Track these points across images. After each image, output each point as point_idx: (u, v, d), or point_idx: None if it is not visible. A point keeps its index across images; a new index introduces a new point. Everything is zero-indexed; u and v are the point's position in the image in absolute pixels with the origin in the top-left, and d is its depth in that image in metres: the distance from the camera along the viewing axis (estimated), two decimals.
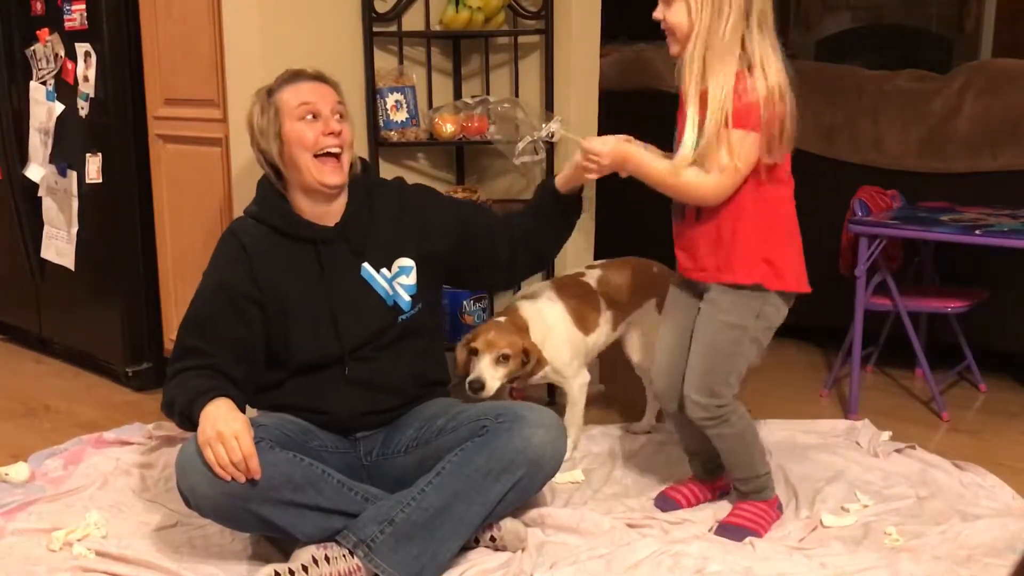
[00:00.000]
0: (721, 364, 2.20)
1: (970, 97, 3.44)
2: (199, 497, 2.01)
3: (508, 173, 3.25)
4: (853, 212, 3.11)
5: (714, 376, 2.20)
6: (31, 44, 3.43)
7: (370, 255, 2.27)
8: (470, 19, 3.04)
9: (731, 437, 2.26)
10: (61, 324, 3.65)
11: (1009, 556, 2.16)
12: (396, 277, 2.28)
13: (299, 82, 2.23)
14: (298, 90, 2.22)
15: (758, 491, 2.33)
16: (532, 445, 2.11)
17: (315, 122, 2.19)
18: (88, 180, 3.29)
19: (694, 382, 2.21)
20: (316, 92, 2.22)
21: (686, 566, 2.11)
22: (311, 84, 2.23)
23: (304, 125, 2.19)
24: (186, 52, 3.02)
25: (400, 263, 2.29)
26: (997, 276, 3.27)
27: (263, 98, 2.25)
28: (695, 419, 2.24)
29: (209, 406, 2.02)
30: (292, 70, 2.27)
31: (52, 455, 2.74)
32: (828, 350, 3.66)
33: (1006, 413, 3.16)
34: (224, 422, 1.97)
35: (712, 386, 2.20)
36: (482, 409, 2.21)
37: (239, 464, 1.94)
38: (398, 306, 2.28)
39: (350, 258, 2.25)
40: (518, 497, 2.17)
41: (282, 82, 2.25)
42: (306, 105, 2.19)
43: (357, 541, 2.03)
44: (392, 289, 2.27)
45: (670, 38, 2.10)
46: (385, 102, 3.07)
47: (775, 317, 2.20)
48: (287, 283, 2.21)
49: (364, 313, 2.24)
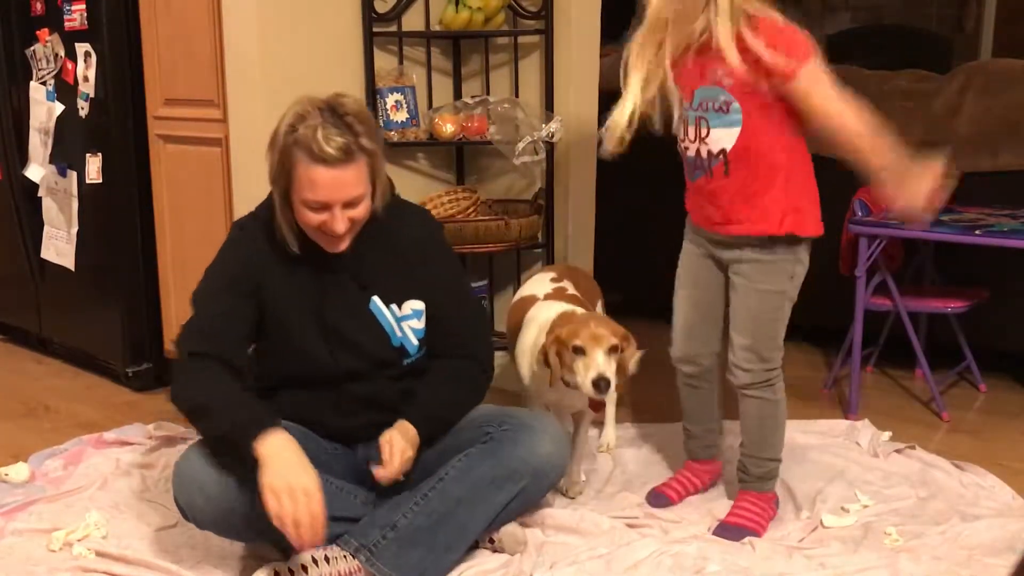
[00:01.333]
0: (767, 331, 2.24)
1: (970, 97, 3.43)
2: (196, 511, 2.01)
3: (508, 173, 3.25)
4: (853, 212, 3.11)
5: (763, 343, 2.24)
6: (31, 44, 3.43)
7: (380, 290, 2.16)
8: (470, 19, 3.04)
9: (770, 404, 2.28)
10: (61, 324, 3.65)
11: (1009, 556, 2.16)
12: (406, 319, 2.18)
13: (317, 166, 1.95)
14: (312, 179, 1.96)
15: (766, 478, 2.33)
16: (537, 455, 2.11)
17: (322, 212, 2.00)
18: (88, 180, 3.29)
19: (743, 353, 2.24)
20: (331, 185, 1.96)
21: (686, 566, 2.11)
22: (330, 173, 1.95)
23: (310, 211, 2.00)
24: (186, 52, 3.02)
25: (412, 305, 2.18)
26: (997, 276, 3.27)
27: (287, 140, 1.97)
28: (741, 385, 2.26)
29: (270, 441, 1.89)
30: (319, 144, 1.93)
31: (52, 455, 2.74)
32: (828, 350, 3.66)
33: (1006, 413, 3.15)
34: (296, 475, 1.86)
35: (761, 352, 2.24)
36: (485, 415, 2.20)
37: (305, 526, 1.84)
38: (404, 348, 2.18)
39: (357, 291, 2.15)
40: (521, 505, 2.16)
41: (305, 147, 1.95)
42: (316, 201, 1.98)
43: (359, 546, 2.03)
44: (400, 330, 2.17)
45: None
46: (385, 102, 3.07)
47: (803, 272, 2.25)
48: (288, 296, 2.12)
49: (365, 344, 2.15)
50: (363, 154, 1.98)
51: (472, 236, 3.00)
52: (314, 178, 1.96)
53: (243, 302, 2.11)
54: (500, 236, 3.01)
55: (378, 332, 2.17)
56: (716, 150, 2.16)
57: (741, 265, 2.22)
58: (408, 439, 2.08)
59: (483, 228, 3.00)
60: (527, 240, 3.08)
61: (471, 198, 3.12)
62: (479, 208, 3.11)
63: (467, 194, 3.17)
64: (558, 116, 3.05)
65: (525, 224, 3.05)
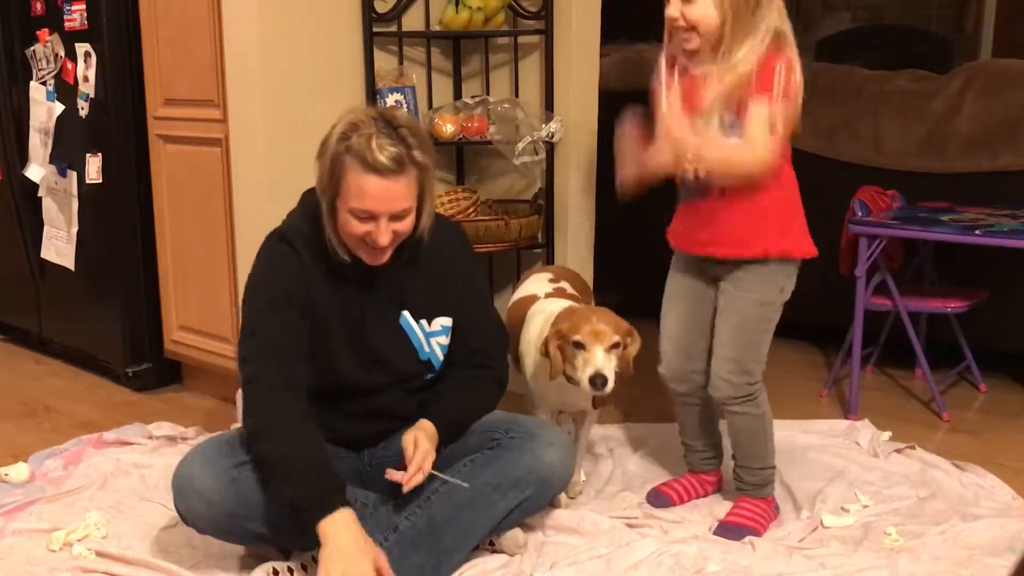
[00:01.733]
0: (752, 341, 2.24)
1: (970, 97, 3.43)
2: (196, 517, 2.01)
3: (508, 173, 3.25)
4: (853, 212, 3.11)
5: (746, 354, 2.24)
6: (31, 44, 3.43)
7: (411, 304, 2.15)
8: (470, 19, 3.04)
9: (755, 418, 2.28)
10: (61, 324, 3.65)
11: (1009, 556, 2.16)
12: (435, 335, 2.18)
13: (370, 175, 1.93)
14: (363, 187, 1.93)
15: (762, 485, 2.33)
16: (543, 464, 2.11)
17: (367, 222, 1.97)
18: (88, 180, 3.29)
19: (726, 364, 2.24)
20: (382, 196, 1.94)
21: (685, 566, 2.11)
22: (381, 183, 1.93)
23: (356, 221, 1.97)
24: (186, 52, 3.02)
25: (442, 322, 2.18)
26: (997, 276, 3.27)
27: (339, 148, 1.95)
28: (723, 399, 2.26)
29: (335, 519, 1.89)
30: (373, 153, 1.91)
31: (52, 455, 2.74)
32: (828, 350, 3.66)
33: (1006, 413, 3.16)
34: (353, 562, 1.86)
35: (744, 364, 2.23)
36: (493, 421, 2.19)
37: None
38: (431, 363, 2.18)
39: (390, 305, 2.13)
40: (524, 513, 2.16)
41: (357, 154, 1.93)
42: (364, 212, 1.95)
43: None
44: (428, 345, 2.17)
45: (689, 34, 2.08)
46: (385, 102, 3.07)
47: (791, 289, 2.25)
48: (329, 310, 2.09)
49: (395, 357, 2.14)
50: (414, 167, 1.96)
51: (472, 236, 2.97)
52: (364, 187, 1.93)
53: (298, 316, 2.05)
54: (500, 236, 3.02)
55: (407, 347, 2.16)
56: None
57: (734, 274, 2.22)
58: (431, 440, 2.06)
59: (483, 228, 3.00)
60: (527, 240, 3.08)
61: (471, 198, 3.12)
62: (479, 208, 3.11)
63: (467, 194, 3.16)
64: (558, 116, 3.05)
65: (525, 224, 3.05)
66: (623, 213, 3.37)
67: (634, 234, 3.87)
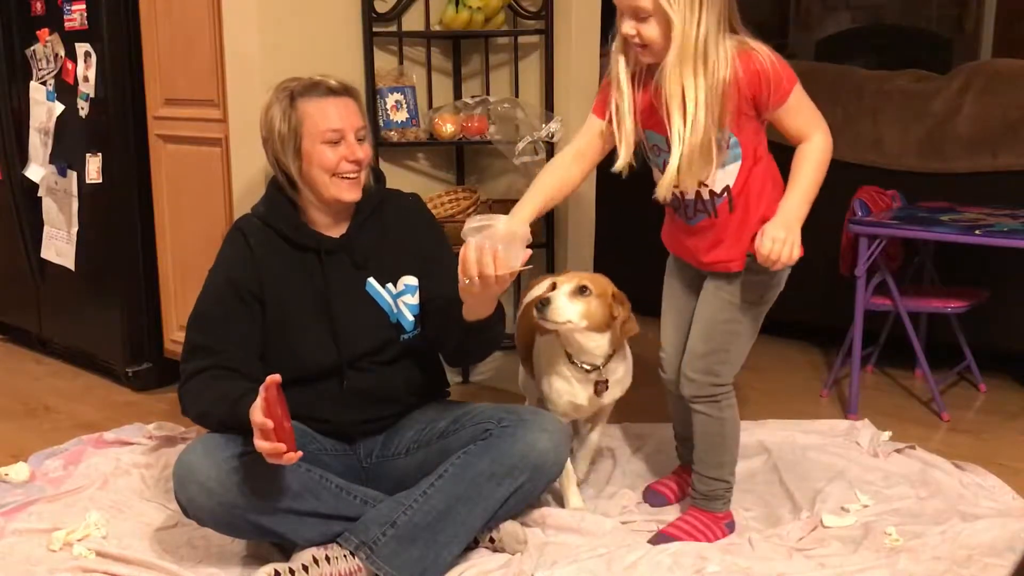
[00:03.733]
0: (720, 343, 2.20)
1: (970, 97, 3.44)
2: (197, 508, 2.01)
3: (508, 173, 3.25)
4: (853, 212, 3.11)
5: (712, 355, 2.20)
6: (31, 44, 3.43)
7: (374, 269, 2.23)
8: (470, 19, 3.04)
9: (714, 421, 2.24)
10: (61, 324, 3.65)
11: (1009, 556, 2.16)
12: (401, 295, 2.24)
13: (325, 97, 2.14)
14: (324, 109, 2.13)
15: (712, 497, 2.29)
16: (536, 450, 2.11)
17: (338, 146, 2.14)
18: (88, 180, 3.29)
19: (695, 362, 2.22)
20: (343, 113, 2.14)
21: (685, 566, 2.11)
22: (339, 102, 2.15)
23: (327, 147, 2.13)
24: (186, 52, 3.02)
25: (405, 281, 2.24)
26: (997, 276, 3.27)
27: (284, 103, 2.15)
28: (687, 396, 2.24)
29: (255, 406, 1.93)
30: (317, 79, 2.16)
31: (52, 455, 2.74)
32: (828, 350, 3.66)
33: (1006, 413, 3.16)
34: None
35: (710, 364, 2.20)
36: (485, 412, 2.20)
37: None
38: (401, 325, 2.23)
39: (353, 271, 2.21)
40: (520, 501, 2.17)
41: (306, 90, 2.15)
42: (333, 131, 2.13)
43: (359, 543, 2.03)
44: (396, 307, 2.23)
45: (643, 50, 2.07)
46: (385, 102, 3.07)
47: (774, 296, 2.22)
48: (288, 290, 2.18)
49: (366, 326, 2.21)
50: (354, 94, 2.19)
51: None
52: (326, 109, 2.13)
53: (244, 305, 2.15)
54: None
55: (376, 312, 2.22)
56: (720, 189, 2.12)
57: (717, 278, 2.20)
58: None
59: None
60: None
61: (471, 198, 3.12)
62: (479, 208, 3.11)
63: (467, 194, 3.17)
64: (558, 116, 3.05)
65: None
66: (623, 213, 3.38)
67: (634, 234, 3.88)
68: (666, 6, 1.97)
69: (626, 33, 2.06)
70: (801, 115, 2.08)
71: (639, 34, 2.04)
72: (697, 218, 2.17)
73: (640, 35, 2.04)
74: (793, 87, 2.05)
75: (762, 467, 2.66)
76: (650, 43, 2.04)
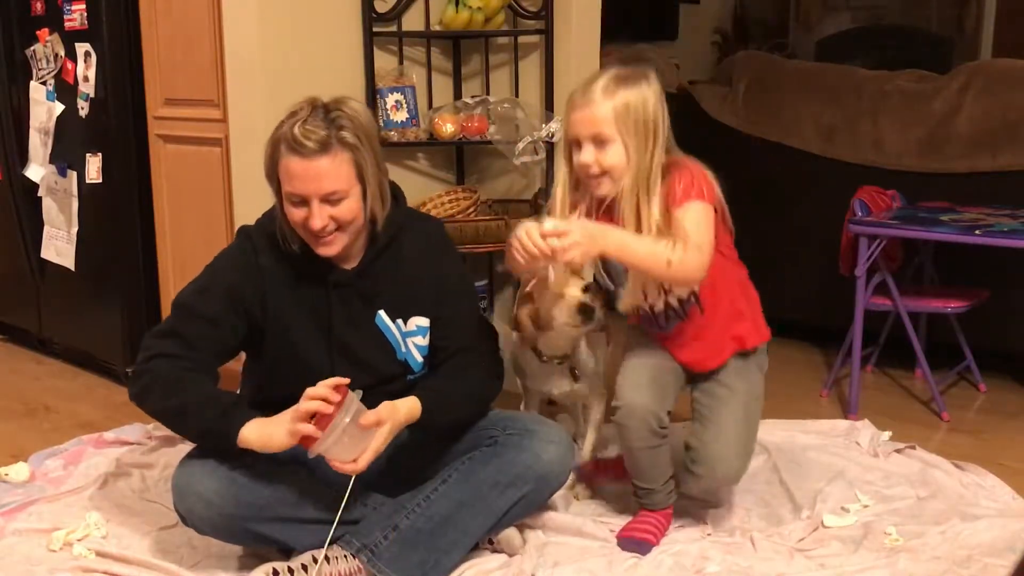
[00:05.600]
0: (755, 428, 2.28)
1: (970, 97, 3.43)
2: (196, 518, 2.01)
3: (508, 173, 3.25)
4: (853, 212, 3.11)
5: (752, 440, 2.27)
6: (31, 44, 3.43)
7: (386, 304, 2.13)
8: (470, 19, 3.04)
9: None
10: (61, 324, 3.65)
11: (1009, 556, 2.16)
12: (411, 335, 2.16)
13: (299, 157, 1.95)
14: (292, 170, 1.96)
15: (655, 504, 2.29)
16: (542, 461, 2.11)
17: (301, 206, 1.99)
18: (88, 180, 3.29)
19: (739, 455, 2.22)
20: (306, 176, 1.95)
21: (685, 566, 2.12)
22: (310, 165, 1.94)
23: (292, 207, 2.00)
24: (186, 52, 3.02)
25: (417, 322, 2.15)
26: (997, 276, 3.27)
27: (270, 147, 2.01)
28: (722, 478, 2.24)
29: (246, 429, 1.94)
30: (296, 135, 1.94)
31: (52, 455, 2.74)
32: (828, 350, 3.66)
33: (1006, 413, 3.16)
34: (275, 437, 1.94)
35: (751, 446, 2.28)
36: (490, 418, 2.19)
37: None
38: (408, 364, 2.17)
39: (363, 306, 2.12)
40: (523, 510, 2.16)
41: (287, 143, 1.96)
42: (294, 194, 1.98)
43: (360, 546, 2.02)
44: (405, 345, 2.16)
45: (601, 179, 2.06)
46: (385, 102, 3.07)
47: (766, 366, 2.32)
48: (294, 316, 2.10)
49: (372, 360, 2.13)
50: (343, 148, 1.95)
51: (472, 236, 3.00)
52: (290, 168, 1.96)
53: (235, 317, 2.07)
54: (500, 236, 3.01)
55: (384, 346, 2.15)
56: (686, 295, 2.16)
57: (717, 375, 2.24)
58: (398, 421, 1.99)
59: (483, 228, 3.00)
60: None
61: (471, 198, 3.12)
62: (479, 208, 3.11)
63: (467, 194, 3.17)
64: (558, 116, 3.05)
65: None
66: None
67: None
68: (624, 133, 2.01)
69: (585, 162, 2.06)
70: (687, 224, 2.01)
71: (598, 162, 2.04)
72: (670, 325, 2.22)
73: (599, 163, 2.04)
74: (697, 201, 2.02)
75: (762, 467, 2.66)
76: (610, 169, 2.04)
